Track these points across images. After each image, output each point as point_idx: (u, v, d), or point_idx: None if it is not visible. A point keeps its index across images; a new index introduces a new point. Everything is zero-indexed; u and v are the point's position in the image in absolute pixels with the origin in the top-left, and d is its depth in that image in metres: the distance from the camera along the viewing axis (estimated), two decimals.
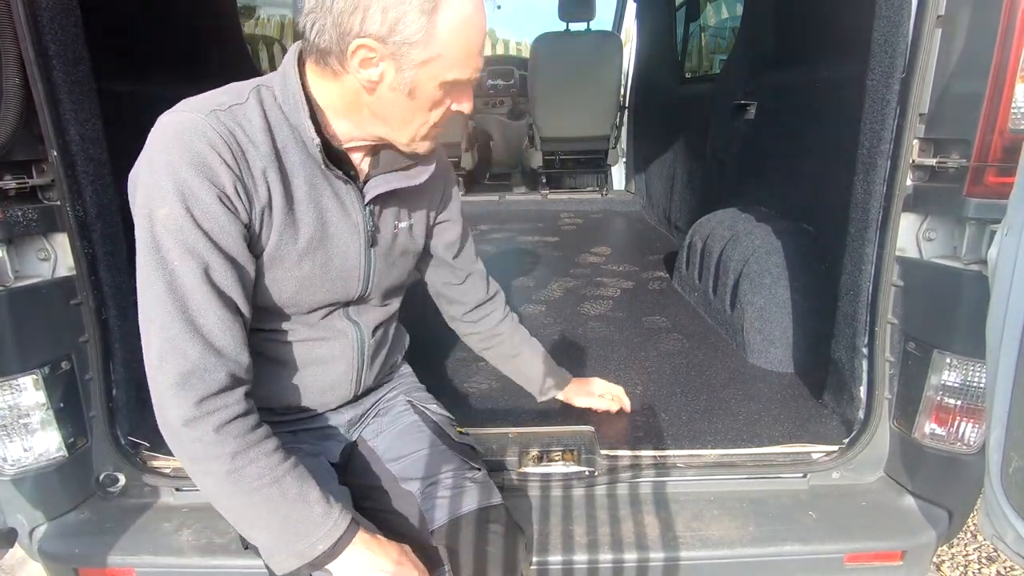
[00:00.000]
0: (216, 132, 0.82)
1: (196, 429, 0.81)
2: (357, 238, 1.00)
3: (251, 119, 0.87)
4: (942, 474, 1.24)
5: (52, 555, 1.20)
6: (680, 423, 1.44)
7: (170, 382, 0.81)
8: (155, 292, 0.81)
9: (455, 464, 1.11)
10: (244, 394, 0.86)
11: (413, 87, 0.85)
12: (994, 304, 0.86)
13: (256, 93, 0.89)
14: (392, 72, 0.84)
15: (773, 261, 1.79)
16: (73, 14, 1.15)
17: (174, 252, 0.81)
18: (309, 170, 0.92)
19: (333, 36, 0.81)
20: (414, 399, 1.24)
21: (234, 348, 0.85)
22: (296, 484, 0.86)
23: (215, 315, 0.83)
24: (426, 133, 0.93)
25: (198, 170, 0.81)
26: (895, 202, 1.17)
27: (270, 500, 0.84)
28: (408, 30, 0.79)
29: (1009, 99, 1.01)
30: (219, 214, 0.83)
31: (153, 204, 0.80)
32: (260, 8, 4.30)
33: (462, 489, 1.07)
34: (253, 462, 0.83)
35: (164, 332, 0.81)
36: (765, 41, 2.34)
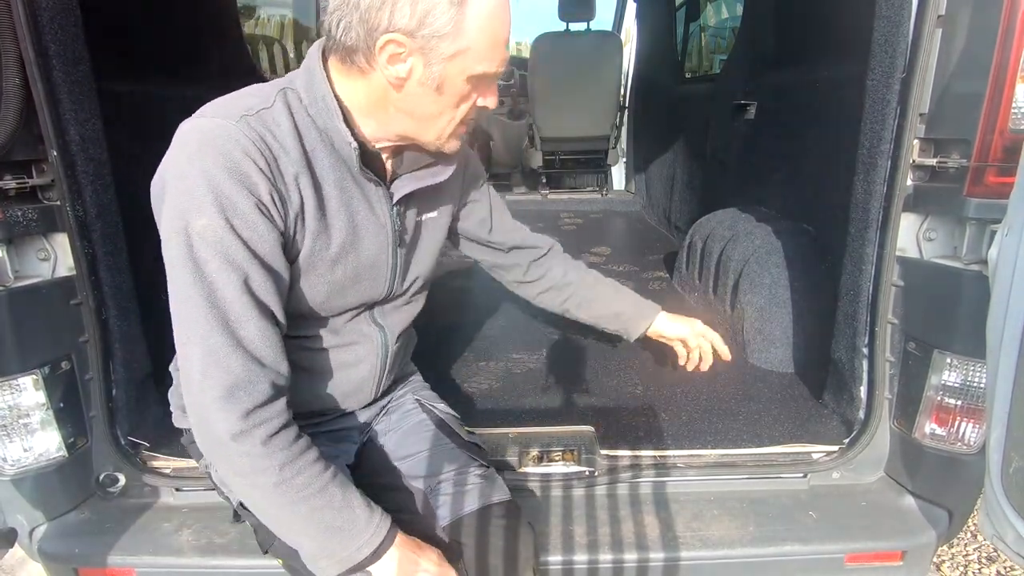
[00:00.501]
0: (248, 139, 0.80)
1: (244, 443, 0.80)
2: (385, 238, 0.99)
3: (280, 123, 0.85)
4: (942, 474, 1.24)
5: (52, 555, 1.20)
6: (680, 423, 1.44)
7: (215, 396, 0.79)
8: (194, 305, 0.79)
9: (463, 461, 1.11)
10: (286, 404, 0.85)
11: (441, 82, 0.84)
12: (994, 304, 0.86)
13: (282, 96, 0.87)
14: (420, 67, 0.82)
15: (773, 261, 1.79)
16: (73, 14, 1.15)
17: (213, 264, 0.79)
18: (338, 173, 0.91)
19: (360, 33, 0.80)
20: (421, 398, 1.24)
21: (275, 358, 0.84)
22: (340, 492, 0.87)
23: (255, 326, 0.81)
24: (453, 130, 0.92)
25: (235, 178, 0.79)
26: (895, 202, 1.17)
27: (317, 509, 0.84)
28: (438, 22, 0.78)
29: (1009, 99, 1.01)
30: (258, 223, 0.81)
31: (189, 215, 0.78)
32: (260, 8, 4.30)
33: (472, 486, 1.07)
34: (300, 473, 0.83)
35: (206, 345, 0.79)
36: (765, 41, 2.34)
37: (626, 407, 1.52)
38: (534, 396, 1.60)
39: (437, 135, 0.92)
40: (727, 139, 2.54)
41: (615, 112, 4.06)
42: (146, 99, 1.76)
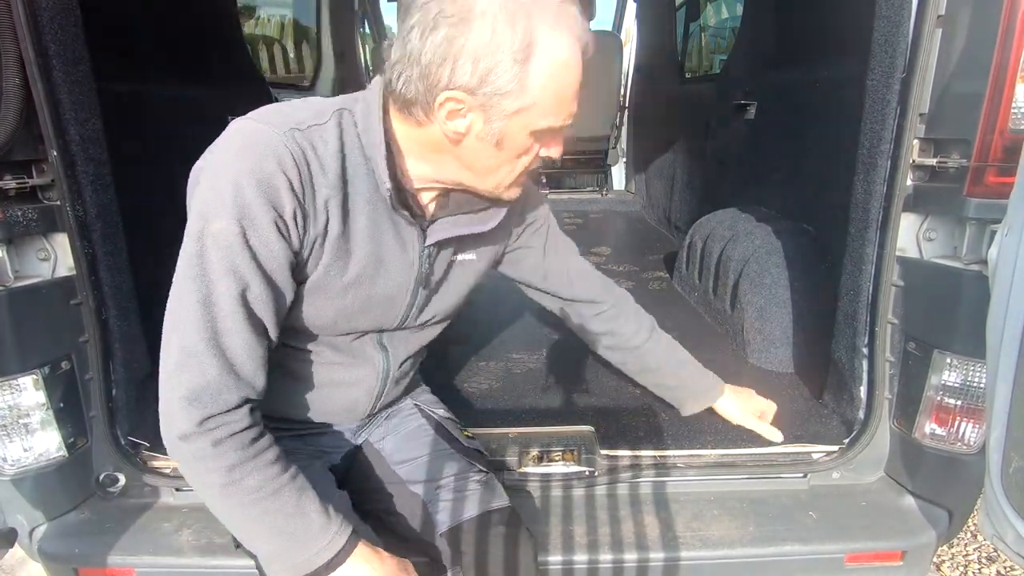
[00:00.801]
0: (289, 152, 0.80)
1: (194, 443, 0.79)
2: (408, 276, 0.97)
3: (327, 141, 0.84)
4: (942, 474, 1.24)
5: (52, 555, 1.20)
6: (680, 423, 1.44)
7: (181, 395, 0.79)
8: (189, 301, 0.79)
9: (462, 467, 1.11)
10: (250, 410, 0.84)
11: (502, 137, 0.82)
12: (994, 304, 0.86)
13: (338, 116, 0.86)
14: (480, 123, 0.81)
15: (773, 261, 1.79)
16: (73, 14, 1.15)
17: (218, 268, 0.79)
18: (373, 204, 0.89)
19: (420, 88, 0.79)
20: (421, 402, 1.24)
21: (252, 372, 0.83)
22: (294, 497, 0.84)
23: (242, 338, 0.81)
24: (513, 180, 0.90)
25: (261, 190, 0.78)
26: (895, 202, 1.17)
27: (267, 512, 0.83)
28: (500, 80, 0.76)
29: (1009, 99, 1.01)
30: (272, 240, 0.80)
31: (209, 215, 0.78)
32: (260, 8, 4.30)
33: (472, 492, 1.06)
34: (250, 474, 0.81)
35: (187, 343, 0.79)
36: (765, 41, 2.33)
37: (626, 407, 1.52)
38: (534, 396, 1.60)
39: (495, 185, 0.90)
40: (727, 139, 2.54)
41: (615, 112, 4.05)
42: (146, 99, 1.76)
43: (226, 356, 0.80)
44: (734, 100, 2.42)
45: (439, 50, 0.75)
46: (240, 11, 2.72)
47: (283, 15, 4.33)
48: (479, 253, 1.07)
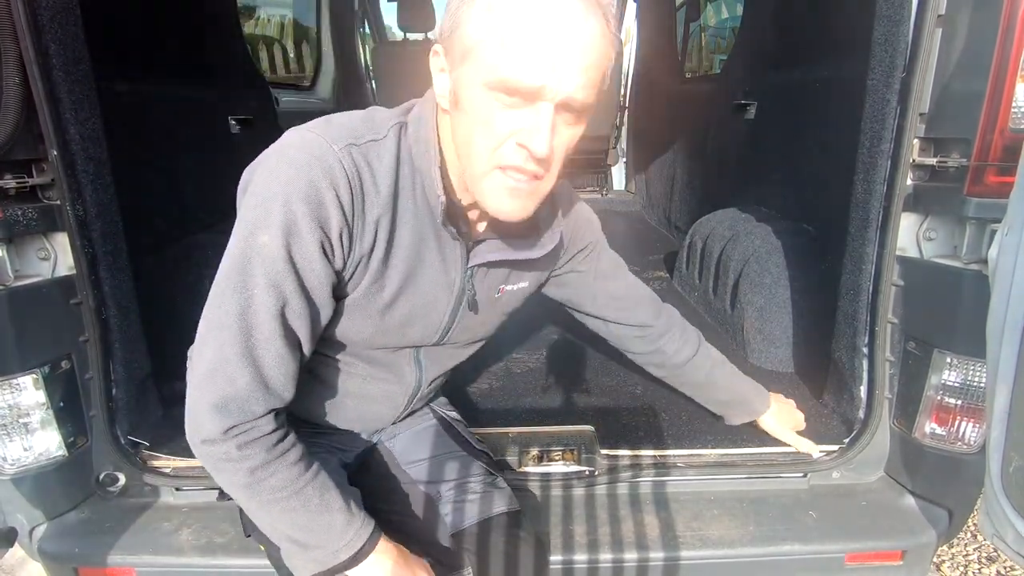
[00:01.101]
0: (343, 171, 0.77)
1: (218, 447, 0.80)
2: (448, 296, 0.94)
3: (383, 158, 0.82)
4: (942, 474, 1.24)
5: (52, 555, 1.20)
6: (680, 423, 1.44)
7: (210, 401, 0.78)
8: (226, 310, 0.78)
9: (472, 469, 1.11)
10: (275, 416, 0.83)
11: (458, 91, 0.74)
12: (994, 304, 0.86)
13: (396, 130, 0.83)
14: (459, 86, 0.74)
15: (773, 261, 1.79)
16: (73, 14, 1.15)
17: (260, 281, 0.77)
18: (420, 219, 0.86)
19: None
20: (434, 402, 1.24)
21: (282, 385, 0.82)
22: (318, 494, 0.85)
23: (275, 351, 0.80)
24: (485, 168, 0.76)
25: (311, 209, 0.76)
26: (895, 202, 1.17)
27: (290, 510, 0.83)
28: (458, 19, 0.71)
29: (1009, 98, 1.01)
30: (316, 259, 0.79)
31: (257, 227, 0.77)
32: (260, 8, 4.30)
33: (480, 494, 1.06)
34: (273, 475, 0.82)
35: (221, 352, 0.78)
36: (765, 41, 2.33)
37: (626, 407, 1.52)
38: (534, 396, 1.60)
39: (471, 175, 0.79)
40: (727, 139, 2.54)
41: (615, 112, 4.06)
42: (146, 99, 1.76)
43: (258, 368, 0.79)
44: (734, 100, 2.42)
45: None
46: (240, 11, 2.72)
47: (283, 15, 4.33)
48: (529, 280, 1.04)
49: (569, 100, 0.71)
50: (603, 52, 0.73)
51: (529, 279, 1.04)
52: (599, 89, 0.75)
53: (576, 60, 0.69)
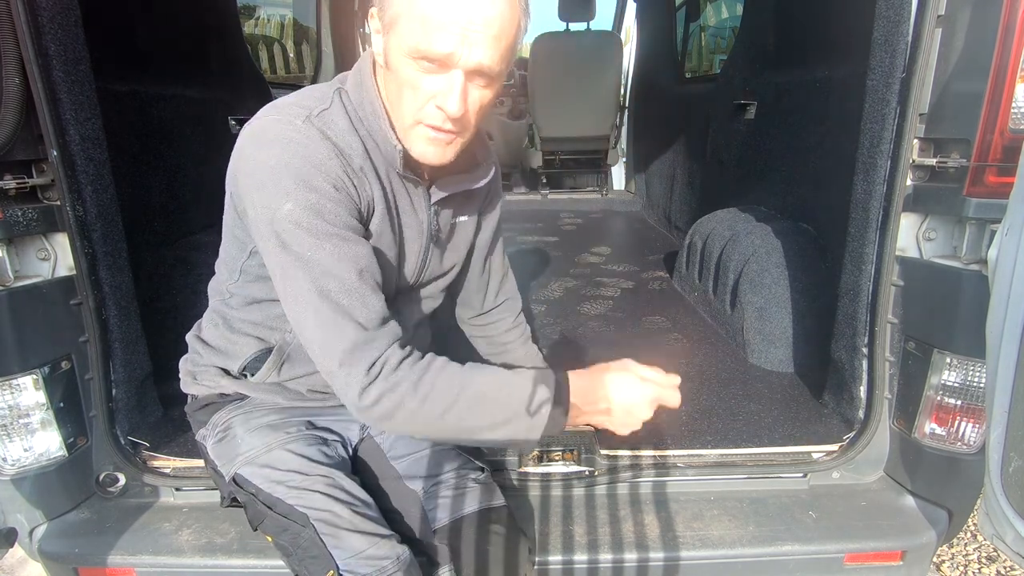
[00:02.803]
0: (316, 138, 0.84)
1: (375, 390, 0.83)
2: (421, 236, 1.02)
3: (338, 123, 0.88)
4: (942, 474, 1.24)
5: (52, 555, 1.20)
6: (680, 423, 1.44)
7: (337, 363, 0.83)
8: (296, 283, 0.83)
9: (458, 464, 1.12)
10: (400, 345, 0.87)
11: (388, 55, 0.84)
12: (994, 304, 0.86)
13: (338, 96, 0.90)
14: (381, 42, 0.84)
15: (773, 261, 1.79)
16: (73, 14, 1.15)
17: (305, 241, 0.82)
18: (386, 173, 0.94)
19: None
20: None
21: (379, 319, 0.86)
22: (487, 377, 0.88)
23: (358, 292, 0.84)
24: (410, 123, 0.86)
25: (310, 163, 0.82)
26: (895, 202, 1.17)
27: (477, 401, 0.86)
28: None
29: (1009, 99, 1.01)
30: (337, 198, 0.84)
31: (274, 202, 0.82)
32: (260, 8, 4.30)
33: (465, 489, 1.08)
34: (435, 383, 0.85)
35: (317, 319, 0.83)
36: (765, 41, 2.34)
37: None
38: None
39: (400, 128, 0.88)
40: (727, 139, 2.54)
41: (615, 112, 4.06)
42: (146, 99, 1.76)
43: (351, 316, 0.83)
44: (734, 100, 2.42)
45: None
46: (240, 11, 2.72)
47: (283, 15, 4.33)
48: (471, 217, 1.12)
49: (479, 67, 0.81)
50: (510, 23, 0.81)
51: (469, 214, 1.12)
52: (509, 57, 0.84)
53: (484, 31, 0.78)
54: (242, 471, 1.03)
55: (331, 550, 0.95)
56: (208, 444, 1.10)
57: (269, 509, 1.00)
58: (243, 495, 1.03)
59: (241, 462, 1.03)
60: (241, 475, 1.03)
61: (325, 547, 0.95)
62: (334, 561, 0.94)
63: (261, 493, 1.01)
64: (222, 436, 1.07)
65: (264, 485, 1.01)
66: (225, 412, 1.09)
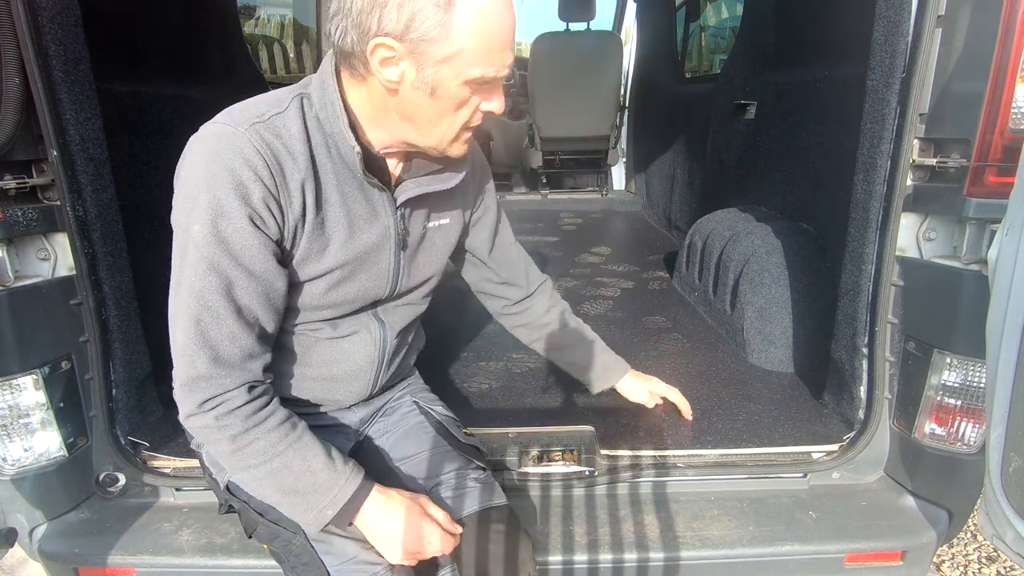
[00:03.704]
0: (254, 148, 0.83)
1: (198, 420, 0.88)
2: (388, 241, 1.00)
3: (289, 128, 0.87)
4: (942, 474, 1.24)
5: (52, 555, 1.20)
6: (680, 423, 1.44)
7: (180, 383, 0.87)
8: (178, 299, 0.86)
9: (459, 464, 1.12)
10: (248, 389, 0.89)
11: (435, 86, 0.83)
12: (994, 304, 0.86)
13: (297, 101, 0.89)
14: (413, 71, 0.82)
15: (773, 261, 1.79)
16: (73, 14, 1.15)
17: (200, 267, 0.84)
18: (341, 177, 0.92)
19: (354, 38, 0.80)
20: (420, 399, 1.24)
21: (241, 360, 0.88)
22: (300, 456, 0.91)
23: (228, 329, 0.86)
24: (455, 135, 0.90)
25: (233, 189, 0.82)
26: (895, 202, 1.17)
27: (275, 472, 0.90)
28: (424, 26, 0.77)
29: (1009, 99, 1.01)
30: (248, 234, 0.84)
31: (189, 219, 0.83)
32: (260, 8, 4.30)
33: (466, 490, 1.08)
34: (254, 442, 0.88)
35: (182, 337, 0.86)
36: (765, 41, 2.34)
37: (626, 407, 1.52)
38: (534, 396, 1.60)
39: (438, 140, 0.90)
40: (727, 139, 2.54)
41: (615, 112, 4.06)
42: (146, 99, 1.76)
43: (213, 349, 0.86)
44: (734, 100, 2.42)
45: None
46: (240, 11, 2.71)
47: (283, 15, 4.33)
48: (451, 216, 1.10)
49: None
50: None
51: (450, 217, 1.11)
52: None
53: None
54: (235, 478, 1.03)
55: (322, 556, 0.96)
56: (203, 452, 1.10)
57: (261, 516, 1.00)
58: (236, 502, 1.04)
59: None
60: (234, 483, 1.03)
61: (316, 553, 0.96)
62: (325, 567, 0.95)
63: (253, 500, 1.01)
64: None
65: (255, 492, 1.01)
66: None
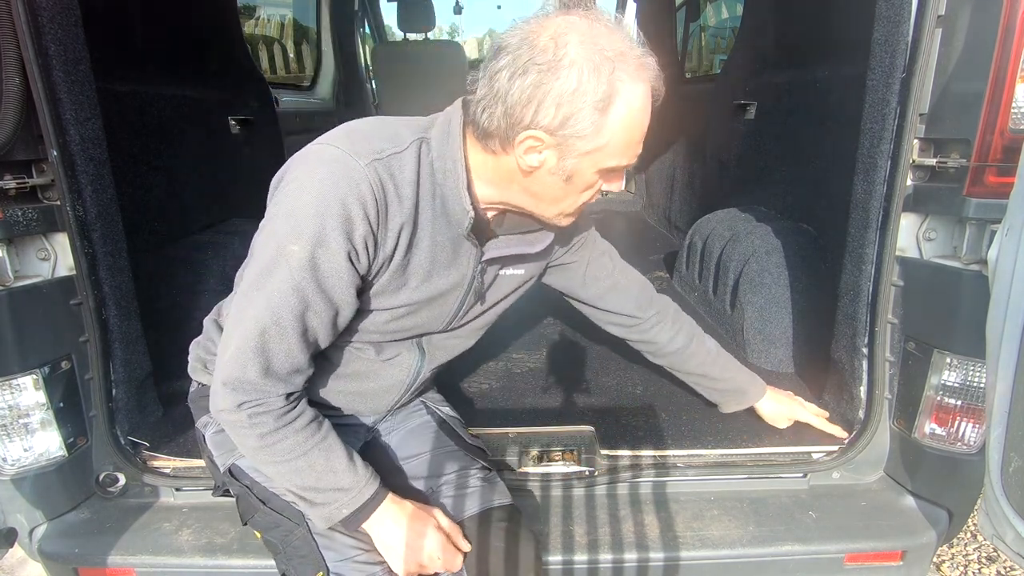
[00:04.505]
0: (370, 185, 0.84)
1: (231, 416, 0.89)
2: (460, 289, 1.02)
3: (404, 171, 0.88)
4: (942, 474, 1.24)
5: (52, 555, 1.20)
6: (680, 423, 1.44)
7: (223, 380, 0.88)
8: (251, 305, 0.86)
9: (465, 464, 1.13)
10: (287, 396, 0.91)
11: (573, 173, 0.87)
12: (994, 304, 0.86)
13: (417, 145, 0.90)
14: (554, 159, 0.86)
15: (773, 261, 1.79)
16: (73, 14, 1.15)
17: (285, 287, 0.84)
18: (437, 226, 0.94)
19: (503, 124, 0.83)
20: (427, 399, 1.26)
21: (287, 375, 0.90)
22: (323, 456, 0.93)
23: (287, 346, 0.87)
24: (574, 211, 0.95)
25: (340, 222, 0.83)
26: (895, 202, 1.17)
27: (298, 471, 0.92)
28: (579, 125, 0.82)
29: (1009, 99, 1.01)
30: (342, 269, 0.86)
31: (289, 236, 0.83)
32: (260, 8, 4.30)
33: (474, 488, 1.09)
34: (281, 440, 0.90)
35: (240, 340, 0.86)
36: (765, 41, 2.33)
37: (626, 407, 1.52)
38: (534, 396, 1.60)
39: (556, 214, 0.95)
40: (727, 139, 2.54)
41: None
42: (146, 99, 1.76)
43: (268, 361, 0.87)
44: (734, 100, 2.42)
45: (526, 92, 0.80)
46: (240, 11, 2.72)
47: (283, 15, 4.34)
48: (527, 268, 1.12)
49: None
50: None
51: (525, 267, 1.12)
52: None
53: None
54: (240, 462, 1.04)
55: (323, 551, 0.97)
56: (207, 433, 1.11)
57: (263, 504, 1.01)
58: (237, 487, 1.04)
59: (240, 453, 1.04)
60: (238, 466, 1.04)
61: (317, 547, 0.97)
62: (325, 563, 0.96)
63: (256, 487, 1.02)
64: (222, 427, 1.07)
65: (261, 479, 1.02)
66: None
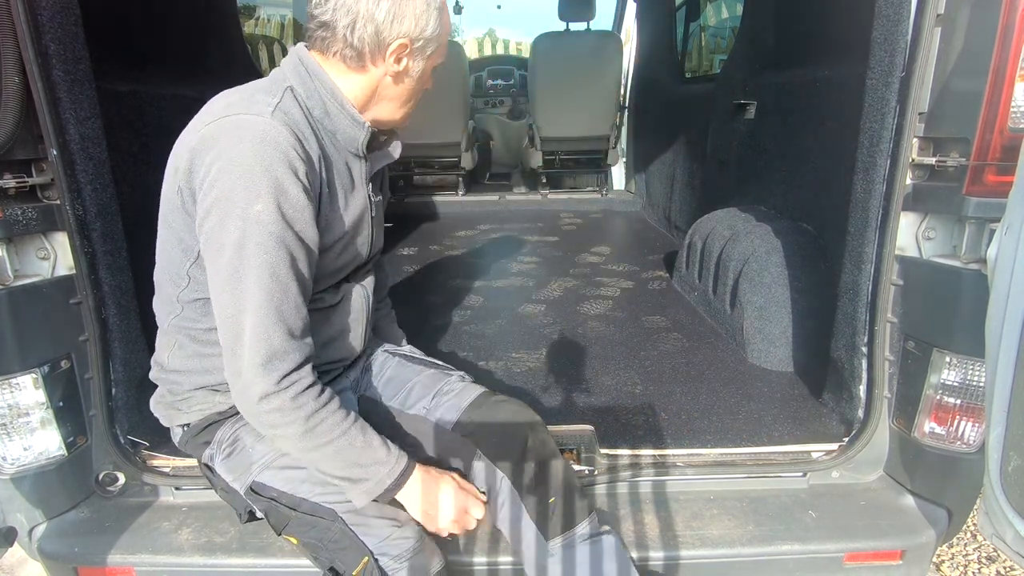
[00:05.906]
0: (285, 128, 0.91)
1: (274, 401, 0.91)
2: (365, 210, 1.11)
3: (292, 113, 0.96)
4: (942, 473, 1.24)
5: (52, 554, 1.20)
6: (680, 423, 1.44)
7: (257, 362, 0.89)
8: (250, 281, 0.88)
9: (440, 374, 1.27)
10: (312, 367, 0.96)
11: (423, 72, 1.03)
12: (993, 303, 0.86)
13: (288, 92, 0.98)
14: (414, 62, 1.00)
15: (773, 261, 1.79)
16: (73, 14, 1.15)
17: (269, 243, 0.88)
18: (336, 153, 1.03)
19: (375, 40, 0.95)
20: (387, 347, 1.37)
21: (304, 330, 0.95)
22: (361, 434, 0.99)
23: (293, 301, 0.92)
24: (412, 107, 1.10)
25: (286, 167, 0.89)
26: (895, 201, 1.17)
27: (341, 450, 0.97)
28: (429, 28, 0.98)
29: (1009, 98, 1.01)
30: (305, 207, 0.92)
31: (247, 200, 0.87)
32: (260, 8, 4.31)
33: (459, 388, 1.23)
34: (323, 421, 0.95)
35: (254, 317, 0.89)
36: (765, 41, 2.34)
37: (626, 406, 1.52)
38: (534, 396, 1.60)
39: (404, 115, 1.09)
40: (727, 139, 2.54)
41: (615, 112, 4.05)
42: (146, 99, 1.76)
43: (285, 322, 0.91)
44: (734, 100, 2.42)
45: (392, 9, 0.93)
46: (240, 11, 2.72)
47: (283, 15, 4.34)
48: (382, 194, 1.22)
49: None
50: None
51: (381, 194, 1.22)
52: None
53: None
54: (260, 478, 1.04)
55: (363, 538, 1.01)
56: (216, 462, 1.09)
57: (293, 511, 1.02)
58: (263, 503, 1.05)
59: (258, 469, 1.05)
60: (259, 482, 1.05)
61: (357, 536, 1.01)
62: (367, 548, 1.00)
63: (283, 496, 1.03)
64: (230, 450, 1.08)
65: (286, 487, 1.03)
66: (228, 427, 1.09)
